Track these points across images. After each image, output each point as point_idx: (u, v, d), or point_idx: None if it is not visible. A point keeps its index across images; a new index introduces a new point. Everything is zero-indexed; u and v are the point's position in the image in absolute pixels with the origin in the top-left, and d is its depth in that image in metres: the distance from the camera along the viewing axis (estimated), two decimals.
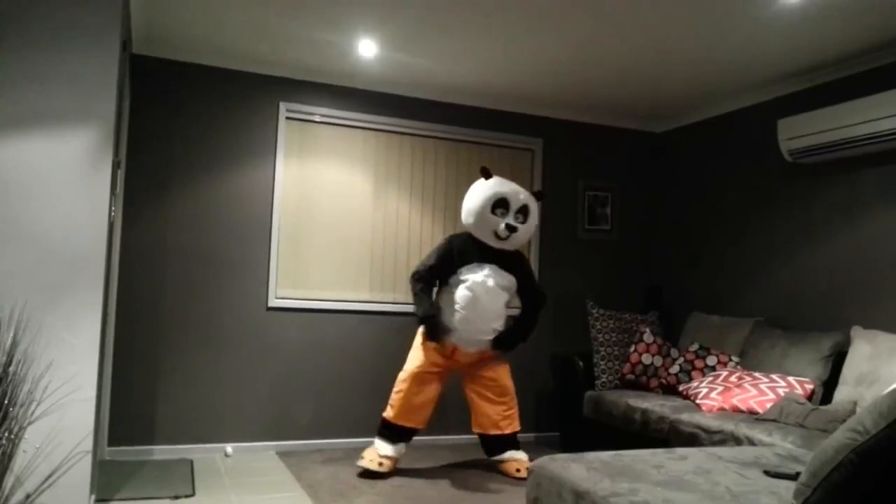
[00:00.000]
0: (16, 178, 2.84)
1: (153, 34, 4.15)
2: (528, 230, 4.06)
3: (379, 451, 4.01)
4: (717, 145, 5.04)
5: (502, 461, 4.17)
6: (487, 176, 4.08)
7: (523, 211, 4.03)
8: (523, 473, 4.05)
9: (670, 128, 5.52)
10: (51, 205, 2.88)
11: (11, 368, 2.32)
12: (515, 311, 4.22)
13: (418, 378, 4.03)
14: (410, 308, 4.91)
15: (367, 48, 4.18)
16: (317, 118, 4.73)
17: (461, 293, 3.95)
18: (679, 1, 3.34)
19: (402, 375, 4.09)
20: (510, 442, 4.17)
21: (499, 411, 4.14)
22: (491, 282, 3.96)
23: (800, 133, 4.07)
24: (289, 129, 4.67)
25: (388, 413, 4.07)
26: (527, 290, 4.16)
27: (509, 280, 4.05)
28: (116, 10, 2.99)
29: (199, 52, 4.41)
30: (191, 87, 4.45)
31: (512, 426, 4.17)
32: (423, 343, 4.08)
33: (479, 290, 3.93)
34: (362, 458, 3.99)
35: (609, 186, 5.50)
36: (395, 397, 4.07)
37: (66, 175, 2.90)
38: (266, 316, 4.56)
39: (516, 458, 4.15)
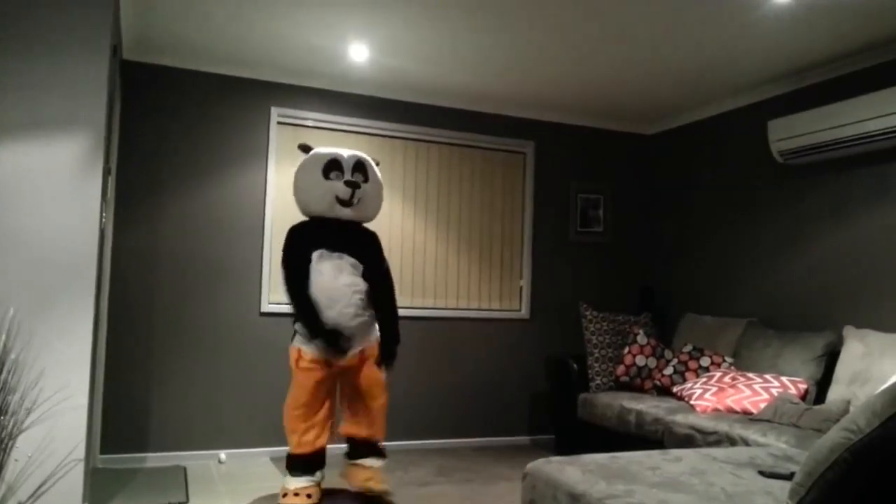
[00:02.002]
0: (6, 185, 2.82)
1: (144, 39, 4.13)
2: (374, 190, 3.46)
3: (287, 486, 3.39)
4: (707, 147, 5.06)
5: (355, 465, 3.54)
6: (307, 150, 3.50)
7: (359, 168, 3.42)
8: (375, 485, 3.43)
9: (661, 130, 5.54)
10: (41, 211, 2.86)
11: (2, 376, 2.30)
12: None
13: (297, 404, 3.39)
14: (403, 311, 4.89)
15: (358, 52, 4.18)
16: (308, 123, 4.72)
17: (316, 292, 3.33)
18: (669, 4, 3.36)
19: (291, 410, 3.41)
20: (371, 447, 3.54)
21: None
22: (343, 271, 3.34)
23: (790, 134, 4.09)
24: (280, 133, 4.66)
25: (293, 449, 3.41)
26: (375, 271, 3.45)
27: (354, 263, 3.39)
28: (107, 16, 2.98)
29: (190, 57, 4.40)
30: (182, 92, 4.44)
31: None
32: (296, 362, 3.40)
33: (329, 281, 3.32)
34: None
35: (601, 189, 5.51)
36: (290, 437, 3.42)
37: (56, 181, 2.89)
38: (259, 321, 4.54)
39: (370, 465, 3.51)
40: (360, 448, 3.53)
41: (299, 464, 3.39)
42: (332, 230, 3.41)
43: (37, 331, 2.83)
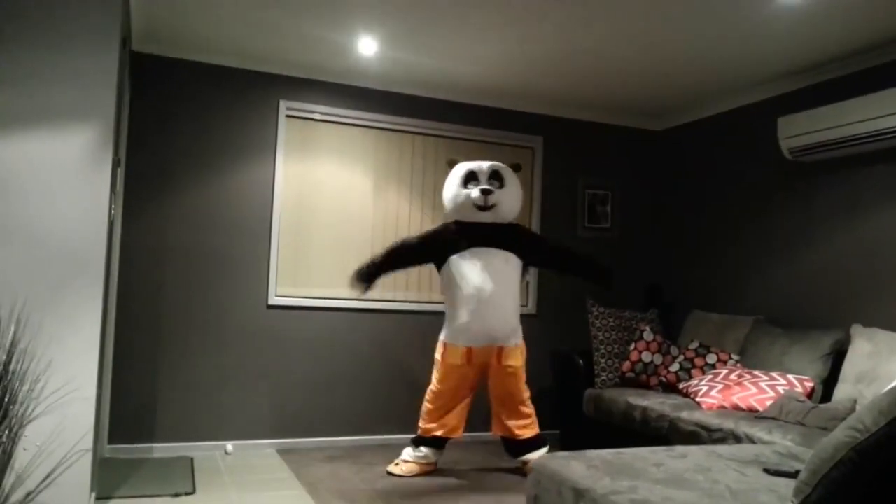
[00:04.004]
0: (15, 177, 2.84)
1: (153, 31, 4.14)
2: (510, 195, 3.96)
3: (403, 456, 4.07)
4: (717, 143, 5.04)
5: (525, 463, 4.09)
6: (453, 164, 4.09)
7: (495, 176, 3.95)
8: None
9: (670, 126, 5.52)
10: (51, 203, 2.88)
11: (11, 367, 2.32)
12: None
13: (440, 395, 3.99)
14: (411, 305, 4.91)
15: (367, 46, 4.17)
16: (317, 116, 4.73)
17: (463, 295, 3.86)
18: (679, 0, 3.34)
19: (428, 394, 4.06)
20: (531, 444, 4.06)
21: (516, 421, 4.06)
22: (488, 277, 3.85)
23: (800, 131, 4.06)
24: (289, 126, 4.66)
25: (420, 424, 4.07)
26: (543, 253, 4.07)
27: (506, 256, 3.91)
28: (116, 8, 2.98)
29: (199, 49, 4.40)
30: (191, 84, 4.45)
31: (530, 431, 4.06)
32: (442, 354, 3.98)
33: (480, 289, 3.85)
34: (395, 463, 4.06)
35: (609, 184, 5.49)
36: (424, 409, 4.06)
37: (65, 173, 2.90)
38: (266, 314, 4.56)
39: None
40: (522, 446, 4.05)
41: (418, 438, 4.04)
42: (475, 236, 3.92)
43: (45, 322, 2.85)
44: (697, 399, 3.90)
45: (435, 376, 4.01)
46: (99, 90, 2.95)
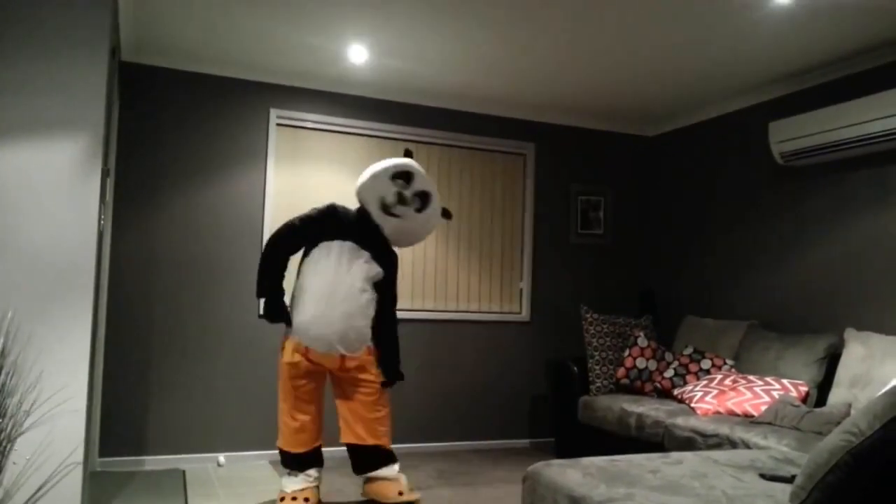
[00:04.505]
0: (4, 187, 2.82)
1: (142, 41, 4.13)
2: (421, 221, 3.45)
3: (285, 489, 3.44)
4: (708, 148, 5.05)
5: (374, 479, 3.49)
6: (408, 155, 3.62)
7: (423, 197, 3.44)
8: (406, 496, 3.41)
9: (662, 131, 5.53)
10: (39, 213, 2.86)
11: (1, 379, 2.30)
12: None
13: (285, 394, 3.44)
14: (403, 314, 4.89)
15: (357, 54, 4.17)
16: (308, 124, 4.72)
17: (312, 270, 3.33)
18: (669, 5, 3.35)
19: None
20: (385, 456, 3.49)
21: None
22: (354, 263, 3.35)
23: (791, 136, 4.08)
24: (279, 135, 4.65)
25: (279, 441, 3.51)
26: (386, 293, 3.47)
27: (376, 270, 3.40)
28: (105, 17, 2.97)
29: (188, 58, 4.39)
30: (180, 93, 4.43)
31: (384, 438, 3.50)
32: (282, 349, 3.42)
33: (334, 271, 3.32)
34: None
35: (602, 190, 5.50)
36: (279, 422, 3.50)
37: (54, 183, 2.88)
38: (257, 324, 4.53)
39: (392, 476, 3.46)
40: (367, 457, 3.45)
41: (289, 460, 3.43)
42: (361, 226, 3.41)
43: (35, 333, 2.82)
44: (692, 405, 3.89)
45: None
46: (88, 100, 2.94)
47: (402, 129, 4.94)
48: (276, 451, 4.51)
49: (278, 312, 3.37)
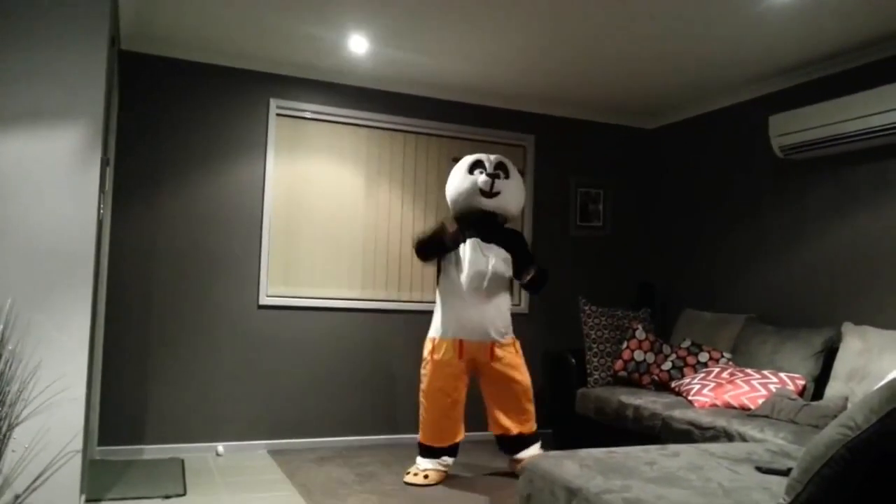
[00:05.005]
0: (4, 176, 2.82)
1: (142, 30, 4.12)
2: (514, 187, 4.01)
3: (419, 466, 3.93)
4: (708, 142, 5.05)
5: (518, 461, 4.04)
6: (457, 160, 4.17)
7: (501, 167, 4.01)
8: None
9: (662, 124, 5.52)
10: (39, 203, 2.85)
11: (0, 368, 2.30)
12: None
13: (432, 395, 3.90)
14: (403, 305, 4.90)
15: (358, 44, 4.16)
16: (307, 114, 4.71)
17: (462, 272, 3.87)
18: None
19: (421, 395, 3.98)
20: (527, 440, 4.04)
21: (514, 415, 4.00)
22: (491, 259, 3.87)
23: (791, 129, 4.08)
24: (279, 125, 4.64)
25: (420, 436, 3.98)
26: (526, 264, 4.01)
27: (506, 256, 3.94)
28: (105, 6, 2.96)
29: (188, 48, 4.38)
30: (180, 83, 4.42)
31: (527, 426, 4.02)
32: (430, 353, 3.93)
33: (481, 266, 3.85)
34: (408, 472, 3.92)
35: (601, 183, 5.50)
36: (421, 418, 3.97)
37: (54, 173, 2.88)
38: (257, 314, 4.54)
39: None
40: (516, 443, 4.01)
41: (426, 449, 3.93)
42: (480, 220, 3.95)
43: (34, 322, 2.83)
44: (690, 397, 3.91)
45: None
46: (88, 89, 2.93)
47: (402, 120, 4.93)
48: (275, 441, 4.54)
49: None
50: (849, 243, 3.99)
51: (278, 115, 4.63)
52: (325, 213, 4.75)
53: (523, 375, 3.99)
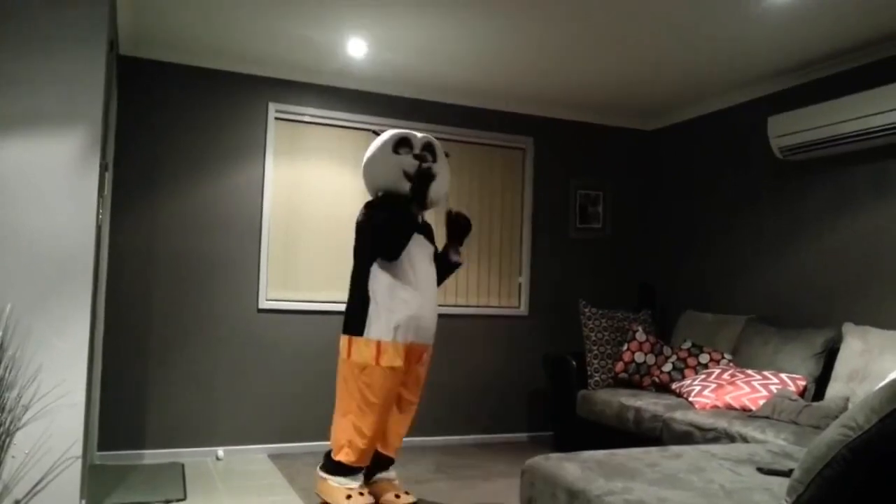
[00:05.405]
0: (2, 181, 2.81)
1: (141, 35, 4.12)
2: (441, 173, 3.39)
3: (350, 485, 3.30)
4: (707, 143, 5.05)
5: (376, 482, 3.46)
6: (377, 134, 3.49)
7: (429, 149, 3.40)
8: (404, 500, 3.34)
9: (661, 126, 5.52)
10: (38, 208, 2.85)
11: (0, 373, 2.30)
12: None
13: (384, 408, 3.31)
14: None
15: (356, 48, 4.16)
16: (306, 118, 4.71)
17: (414, 265, 3.31)
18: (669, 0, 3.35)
19: (365, 406, 3.25)
20: (389, 461, 3.50)
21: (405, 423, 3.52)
22: (428, 250, 3.39)
23: (790, 130, 4.08)
24: (278, 129, 4.64)
25: (347, 455, 3.28)
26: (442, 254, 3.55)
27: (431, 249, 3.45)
28: (103, 11, 2.96)
29: (187, 52, 4.38)
30: (179, 87, 4.42)
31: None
32: (375, 357, 3.23)
33: (427, 258, 3.37)
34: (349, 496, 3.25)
35: (600, 185, 5.50)
36: (355, 436, 3.27)
37: (53, 177, 2.87)
38: (257, 318, 4.54)
39: (391, 480, 3.48)
40: (386, 462, 3.52)
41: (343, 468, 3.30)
42: (411, 217, 3.26)
43: (34, 327, 2.82)
44: (690, 399, 3.90)
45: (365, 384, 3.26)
46: (86, 94, 2.93)
47: (402, 124, 4.92)
48: (275, 445, 4.53)
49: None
50: (849, 243, 3.99)
51: (277, 119, 4.63)
52: (324, 216, 4.75)
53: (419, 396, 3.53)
